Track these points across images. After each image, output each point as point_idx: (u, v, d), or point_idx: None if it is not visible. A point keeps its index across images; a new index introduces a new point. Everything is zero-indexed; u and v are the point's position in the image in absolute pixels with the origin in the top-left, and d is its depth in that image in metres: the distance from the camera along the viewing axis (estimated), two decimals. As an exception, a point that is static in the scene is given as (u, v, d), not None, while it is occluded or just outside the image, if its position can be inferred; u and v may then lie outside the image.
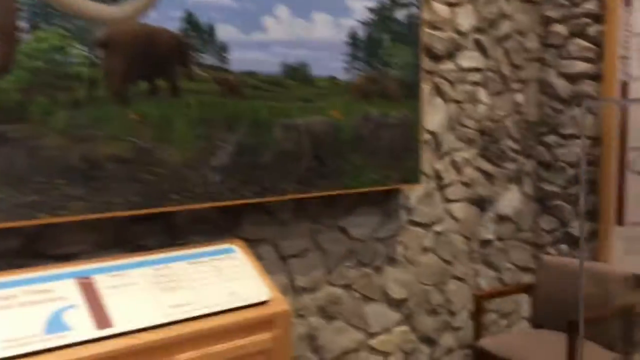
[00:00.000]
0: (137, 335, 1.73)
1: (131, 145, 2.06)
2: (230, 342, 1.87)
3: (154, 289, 1.88)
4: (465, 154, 3.39)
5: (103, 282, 1.85)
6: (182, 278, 1.97)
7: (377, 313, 3.01)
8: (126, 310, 1.78)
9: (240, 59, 2.28)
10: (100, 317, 1.74)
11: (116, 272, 1.91)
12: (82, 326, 1.69)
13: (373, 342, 3.00)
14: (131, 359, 1.70)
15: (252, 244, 2.53)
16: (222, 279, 2.03)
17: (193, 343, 1.80)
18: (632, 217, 3.55)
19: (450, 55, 3.26)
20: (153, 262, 1.99)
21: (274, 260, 2.61)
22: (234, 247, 2.20)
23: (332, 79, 2.56)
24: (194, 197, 2.20)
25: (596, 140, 3.65)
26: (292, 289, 2.68)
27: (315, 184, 2.53)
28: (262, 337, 1.93)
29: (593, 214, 3.67)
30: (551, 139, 3.78)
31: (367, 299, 2.96)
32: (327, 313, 2.81)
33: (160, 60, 2.12)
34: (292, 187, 2.46)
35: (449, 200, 3.32)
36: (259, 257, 2.55)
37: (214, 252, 2.15)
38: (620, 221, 3.57)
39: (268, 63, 2.36)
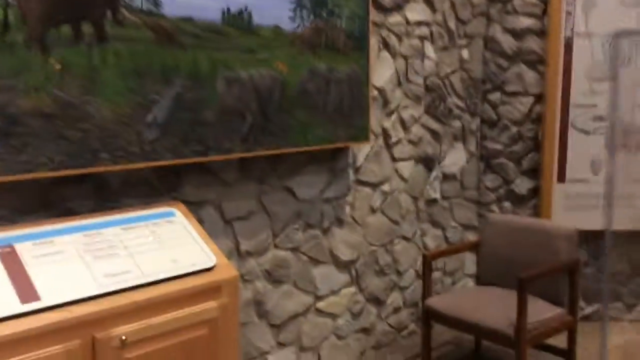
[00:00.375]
0: (67, 308, 1.56)
1: (54, 98, 1.83)
2: (172, 313, 1.72)
3: (85, 258, 1.70)
4: (413, 111, 3.31)
5: (27, 251, 1.66)
6: (116, 245, 1.79)
7: (325, 275, 2.92)
8: (54, 282, 1.60)
9: (175, 3, 2.07)
10: (25, 290, 1.55)
11: (41, 239, 1.71)
12: (4, 301, 1.51)
13: (321, 304, 2.92)
14: (62, 335, 1.53)
15: (194, 207, 2.36)
16: (161, 244, 1.86)
17: (131, 315, 1.65)
18: (573, 174, 3.59)
19: (398, 7, 3.14)
20: (83, 228, 1.81)
21: (218, 224, 2.45)
22: (173, 210, 2.04)
23: (277, 28, 2.38)
24: (127, 156, 2.01)
25: (540, 98, 3.65)
26: (237, 253, 2.54)
27: (260, 142, 2.37)
28: (207, 306, 1.79)
29: (535, 171, 3.70)
30: (495, 96, 3.75)
31: (315, 261, 2.86)
32: (273, 277, 2.69)
33: (84, 2, 1.88)
34: (236, 146, 2.30)
35: (396, 159, 3.24)
36: (201, 221, 2.39)
37: (151, 215, 1.97)
38: (561, 178, 3.61)
39: (206, 8, 2.15)
